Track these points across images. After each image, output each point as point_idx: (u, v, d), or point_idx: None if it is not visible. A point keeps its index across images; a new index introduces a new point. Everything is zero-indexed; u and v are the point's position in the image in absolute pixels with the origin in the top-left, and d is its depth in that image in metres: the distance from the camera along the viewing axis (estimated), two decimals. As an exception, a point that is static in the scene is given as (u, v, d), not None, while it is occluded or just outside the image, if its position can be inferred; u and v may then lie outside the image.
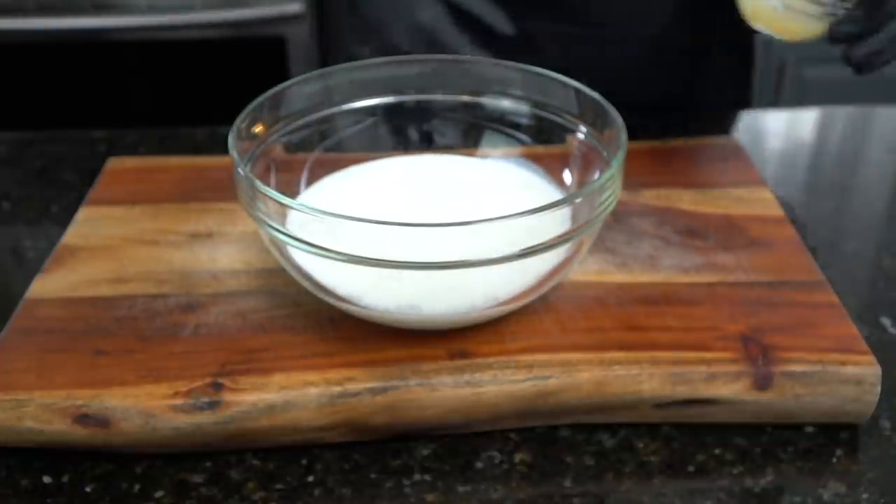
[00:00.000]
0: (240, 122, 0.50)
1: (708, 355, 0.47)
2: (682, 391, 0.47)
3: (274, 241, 0.48)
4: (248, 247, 0.56)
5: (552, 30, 0.78)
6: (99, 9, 1.36)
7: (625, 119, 0.50)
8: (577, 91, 0.54)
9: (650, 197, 0.61)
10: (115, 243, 0.57)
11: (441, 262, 0.43)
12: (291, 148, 0.56)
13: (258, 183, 0.45)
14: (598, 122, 0.53)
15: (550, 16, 0.77)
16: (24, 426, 0.45)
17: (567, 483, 0.45)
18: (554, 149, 0.57)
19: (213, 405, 0.45)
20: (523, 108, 0.58)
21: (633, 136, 0.50)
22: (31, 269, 0.57)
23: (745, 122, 0.81)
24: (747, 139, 0.76)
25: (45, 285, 0.53)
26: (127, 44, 1.36)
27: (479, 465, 0.46)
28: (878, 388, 0.47)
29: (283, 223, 0.46)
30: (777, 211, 0.60)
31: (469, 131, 0.60)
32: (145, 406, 0.45)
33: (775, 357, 0.47)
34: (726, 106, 0.84)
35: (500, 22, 0.78)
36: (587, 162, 0.54)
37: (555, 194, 0.55)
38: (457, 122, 0.60)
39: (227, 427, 0.45)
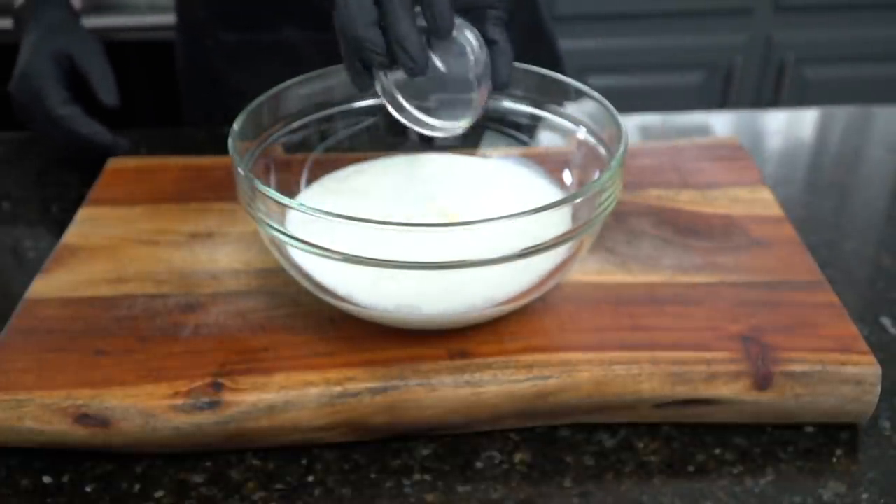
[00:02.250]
0: (240, 122, 0.50)
1: (708, 355, 0.47)
2: (682, 391, 0.47)
3: (273, 241, 0.48)
4: (248, 247, 0.56)
5: (314, 39, 0.78)
6: (99, 9, 1.36)
7: None
8: (577, 91, 0.54)
9: (650, 197, 0.61)
10: (115, 243, 0.57)
11: (441, 262, 0.43)
12: (291, 148, 0.56)
13: (258, 183, 0.45)
14: (598, 122, 0.53)
15: (314, 26, 0.78)
16: (24, 426, 0.45)
17: (567, 483, 0.45)
18: (554, 149, 0.57)
19: (213, 405, 0.45)
20: (523, 108, 0.58)
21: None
22: (31, 269, 0.57)
23: (745, 122, 0.81)
24: (747, 139, 0.76)
25: (45, 285, 0.53)
26: (127, 44, 1.36)
27: (479, 465, 0.47)
28: (878, 388, 0.47)
29: (282, 223, 0.46)
30: (777, 211, 0.60)
31: (469, 131, 0.60)
32: (145, 406, 0.45)
33: (775, 357, 0.47)
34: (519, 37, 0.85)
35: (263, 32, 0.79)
36: (587, 162, 0.54)
37: (555, 194, 0.55)
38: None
39: (227, 427, 0.45)
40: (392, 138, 0.60)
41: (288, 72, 0.56)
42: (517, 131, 0.59)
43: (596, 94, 0.53)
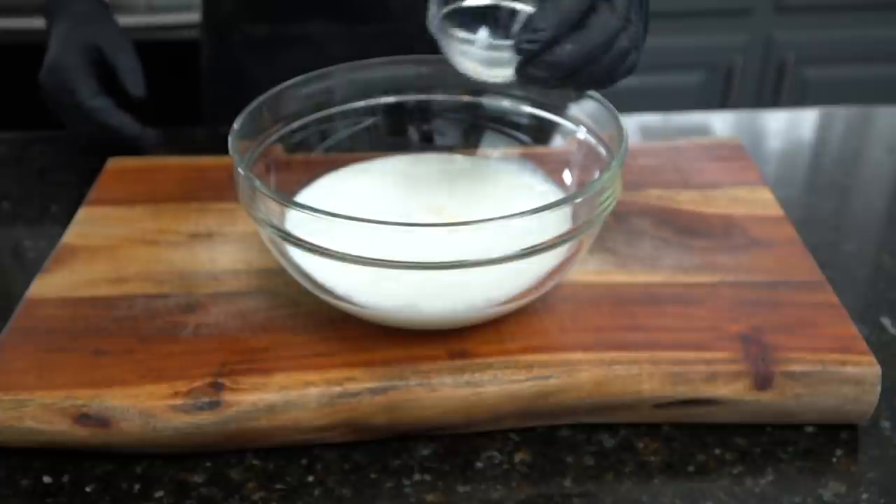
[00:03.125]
0: (240, 122, 0.50)
1: (708, 355, 0.47)
2: (682, 391, 0.47)
3: (273, 241, 0.48)
4: (248, 247, 0.56)
5: (341, 31, 0.78)
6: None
7: None
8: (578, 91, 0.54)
9: (650, 197, 0.61)
10: (115, 243, 0.57)
11: (440, 262, 0.43)
12: (291, 148, 0.56)
13: (258, 183, 0.45)
14: (598, 122, 0.53)
15: (341, 18, 0.78)
16: (24, 426, 0.45)
17: (567, 483, 0.45)
18: (554, 149, 0.57)
19: (213, 405, 0.45)
20: (523, 108, 0.58)
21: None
22: (31, 269, 0.57)
23: (745, 122, 0.81)
24: (747, 139, 0.76)
25: (45, 285, 0.53)
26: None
27: (479, 465, 0.47)
28: (878, 388, 0.47)
29: (282, 223, 0.46)
30: (777, 211, 0.60)
31: (469, 131, 0.60)
32: (145, 406, 0.45)
33: (775, 357, 0.47)
34: None
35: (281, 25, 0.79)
36: (587, 162, 0.54)
37: (555, 194, 0.55)
38: (457, 122, 0.60)
39: (227, 427, 0.45)
40: (392, 138, 0.60)
41: (314, 65, 0.56)
42: (517, 131, 0.59)
43: (596, 94, 0.53)
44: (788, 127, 0.80)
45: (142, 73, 0.72)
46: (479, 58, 0.49)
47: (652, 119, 0.80)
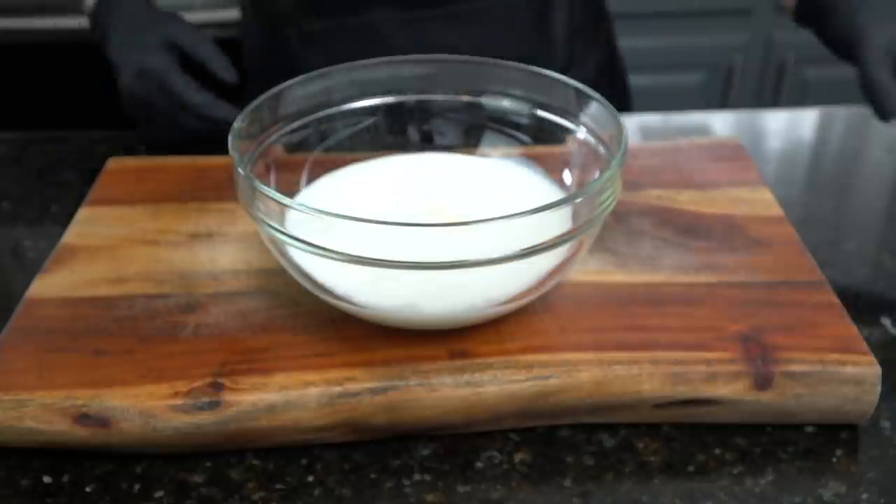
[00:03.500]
0: (240, 122, 0.50)
1: (708, 355, 0.47)
2: (682, 391, 0.47)
3: (273, 241, 0.48)
4: (248, 247, 0.56)
5: (396, 17, 0.77)
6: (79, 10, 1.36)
7: None
8: (577, 91, 0.54)
9: (650, 197, 0.61)
10: (115, 243, 0.57)
11: (441, 262, 0.43)
12: (291, 148, 0.56)
13: (258, 183, 0.45)
14: (598, 122, 0.53)
15: (404, 4, 0.77)
16: (24, 426, 0.45)
17: (567, 483, 0.45)
18: (554, 149, 0.57)
19: (213, 405, 0.45)
20: (523, 108, 0.58)
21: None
22: (31, 269, 0.57)
23: (745, 122, 0.81)
24: (747, 139, 0.76)
25: (45, 285, 0.53)
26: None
27: (479, 465, 0.47)
28: (878, 388, 0.47)
29: (282, 223, 0.46)
30: (777, 211, 0.60)
31: (469, 131, 0.60)
32: (145, 406, 0.45)
33: (775, 357, 0.47)
34: (595, 71, 0.85)
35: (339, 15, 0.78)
36: (587, 162, 0.54)
37: (555, 194, 0.55)
38: (457, 122, 0.60)
39: (227, 427, 0.45)
40: (392, 138, 0.60)
41: (375, 55, 0.56)
42: (517, 131, 0.59)
43: (596, 95, 0.53)
44: (788, 127, 0.80)
45: (227, 59, 0.72)
46: None
47: (652, 119, 0.80)
